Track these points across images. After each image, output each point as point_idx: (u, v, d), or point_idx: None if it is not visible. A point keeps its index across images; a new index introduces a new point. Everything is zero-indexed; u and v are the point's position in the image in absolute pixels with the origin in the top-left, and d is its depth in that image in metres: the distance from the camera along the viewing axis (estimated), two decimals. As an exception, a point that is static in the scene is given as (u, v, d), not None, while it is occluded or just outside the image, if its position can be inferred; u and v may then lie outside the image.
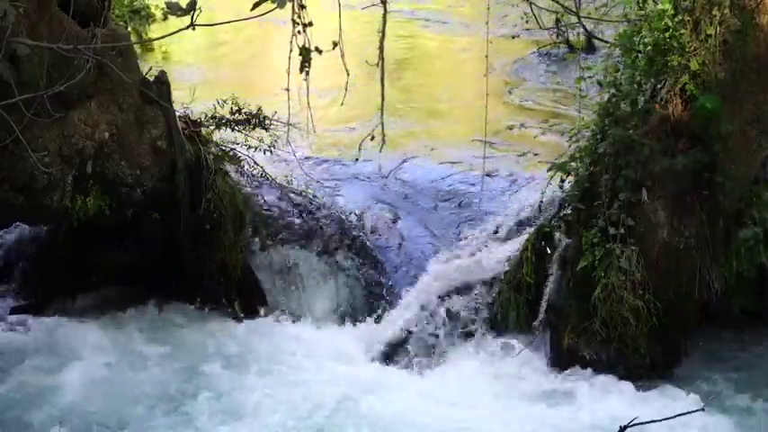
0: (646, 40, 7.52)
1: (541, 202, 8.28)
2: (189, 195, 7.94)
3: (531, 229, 8.13)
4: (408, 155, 9.73)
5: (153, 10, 14.01)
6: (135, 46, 9.39)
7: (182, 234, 8.05)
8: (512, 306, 7.84)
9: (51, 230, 8.46)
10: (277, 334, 8.08)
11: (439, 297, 8.06)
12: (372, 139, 6.50)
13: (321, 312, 8.33)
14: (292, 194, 8.79)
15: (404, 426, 6.85)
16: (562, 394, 7.27)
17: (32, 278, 8.48)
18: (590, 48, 12.16)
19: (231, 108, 8.48)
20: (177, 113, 8.01)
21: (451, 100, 11.51)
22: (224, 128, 8.48)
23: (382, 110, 6.42)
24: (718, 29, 7.09)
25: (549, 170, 8.00)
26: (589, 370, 7.43)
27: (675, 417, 6.44)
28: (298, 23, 5.83)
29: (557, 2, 6.90)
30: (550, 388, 7.34)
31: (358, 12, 8.11)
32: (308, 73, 5.82)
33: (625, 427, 6.16)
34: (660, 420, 6.36)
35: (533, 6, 8.17)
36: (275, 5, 4.10)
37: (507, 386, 7.36)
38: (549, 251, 7.91)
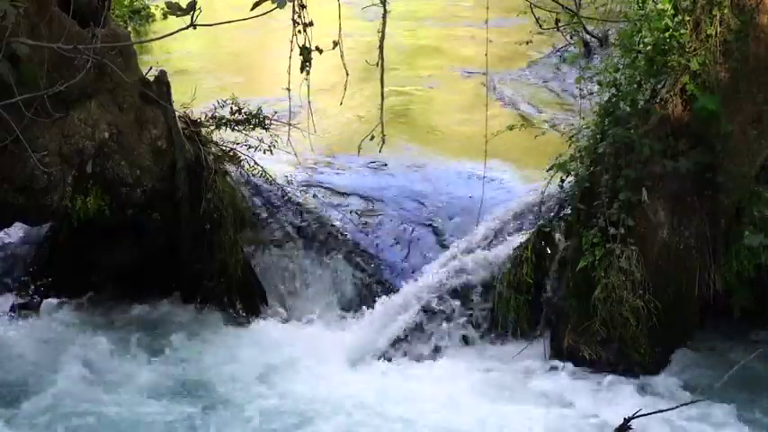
0: (646, 39, 7.52)
1: (541, 202, 8.28)
2: (189, 195, 7.95)
3: (530, 229, 8.13)
4: (408, 155, 9.73)
5: (153, 10, 14.03)
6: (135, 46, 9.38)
7: (182, 234, 8.06)
8: (512, 306, 7.84)
9: (51, 230, 8.46)
10: (277, 334, 8.09)
11: (438, 297, 8.05)
12: (372, 138, 6.49)
13: (321, 312, 8.34)
14: (292, 194, 8.79)
15: (403, 426, 6.85)
16: (562, 394, 7.27)
17: (32, 278, 8.48)
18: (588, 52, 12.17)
19: (231, 108, 8.48)
20: (177, 113, 8.02)
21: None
22: (224, 128, 8.48)
23: (382, 110, 6.41)
24: (718, 29, 7.08)
25: (548, 170, 8.00)
26: (589, 370, 7.44)
27: (679, 407, 6.46)
28: (298, 23, 5.83)
29: (557, 2, 6.90)
30: (551, 388, 7.34)
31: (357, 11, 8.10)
32: (308, 73, 5.82)
33: (630, 418, 6.18)
34: (664, 411, 6.39)
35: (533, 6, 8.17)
36: (275, 5, 4.09)
37: (507, 387, 7.36)
38: (549, 251, 7.92)
